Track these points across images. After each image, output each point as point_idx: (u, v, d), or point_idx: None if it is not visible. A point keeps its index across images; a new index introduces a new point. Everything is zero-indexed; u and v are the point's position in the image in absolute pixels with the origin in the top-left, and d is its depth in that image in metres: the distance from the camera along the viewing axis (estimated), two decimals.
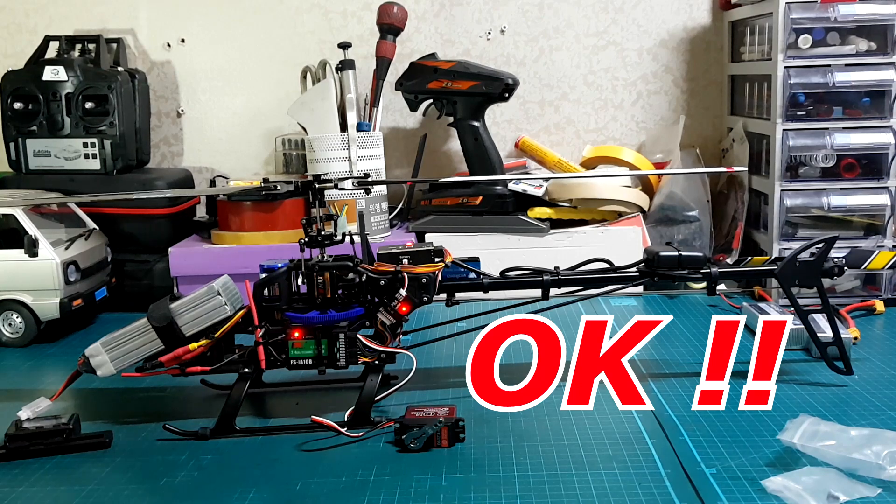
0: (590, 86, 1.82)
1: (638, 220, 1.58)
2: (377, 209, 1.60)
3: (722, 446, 0.91)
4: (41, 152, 1.61)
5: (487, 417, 1.00)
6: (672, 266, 1.06)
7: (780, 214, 1.49)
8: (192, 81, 1.84)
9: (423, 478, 0.85)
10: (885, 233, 1.47)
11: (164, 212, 1.59)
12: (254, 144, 1.86)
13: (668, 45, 1.80)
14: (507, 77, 1.59)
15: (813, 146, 1.46)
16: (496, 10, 1.80)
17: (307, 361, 1.00)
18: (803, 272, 1.07)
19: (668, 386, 1.09)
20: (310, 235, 1.02)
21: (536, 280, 1.08)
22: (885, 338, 1.27)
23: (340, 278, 1.01)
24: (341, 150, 1.57)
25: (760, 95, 1.58)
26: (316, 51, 1.79)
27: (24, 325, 1.34)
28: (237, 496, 0.83)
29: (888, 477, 0.81)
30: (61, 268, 1.35)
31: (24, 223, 1.35)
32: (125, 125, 1.62)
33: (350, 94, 1.59)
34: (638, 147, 1.82)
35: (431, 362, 1.21)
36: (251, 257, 1.44)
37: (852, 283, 1.50)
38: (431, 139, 1.79)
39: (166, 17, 1.82)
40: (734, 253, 1.60)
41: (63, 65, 1.60)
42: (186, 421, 1.01)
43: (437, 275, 1.02)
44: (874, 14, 1.43)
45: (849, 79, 1.44)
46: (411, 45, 1.79)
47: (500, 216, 1.58)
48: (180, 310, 0.99)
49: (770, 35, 1.49)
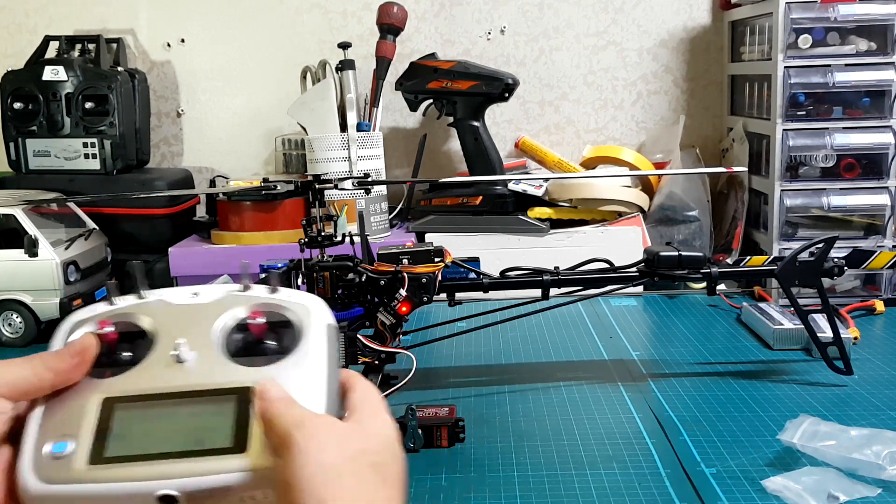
0: (590, 86, 1.82)
1: (638, 220, 1.58)
2: (377, 209, 1.60)
3: (722, 446, 0.91)
4: (41, 152, 1.61)
5: (487, 417, 1.00)
6: (672, 266, 1.06)
7: (780, 214, 1.49)
8: (192, 81, 1.85)
9: (423, 478, 0.85)
10: (885, 233, 1.47)
11: (164, 212, 1.59)
12: (254, 144, 1.86)
13: (668, 45, 1.80)
14: (507, 77, 1.59)
15: (813, 146, 1.46)
16: (496, 10, 1.80)
17: None
18: (803, 272, 1.07)
19: (668, 386, 1.09)
20: (310, 236, 1.02)
21: (536, 280, 1.08)
22: (885, 338, 1.27)
23: (340, 278, 1.01)
24: (341, 150, 1.57)
25: (760, 95, 1.58)
26: (316, 51, 1.79)
27: (23, 325, 1.35)
28: None
29: (888, 477, 0.81)
30: (61, 268, 1.35)
31: (23, 223, 1.35)
32: (125, 125, 1.62)
33: (350, 94, 1.59)
34: (638, 147, 1.82)
35: (431, 362, 1.21)
36: (251, 257, 1.44)
37: (852, 283, 1.50)
38: (431, 139, 1.79)
39: (166, 17, 1.82)
40: (734, 253, 1.60)
41: (63, 65, 1.60)
42: None
43: (437, 275, 1.02)
44: (874, 14, 1.43)
45: (849, 79, 1.44)
46: (411, 45, 1.79)
47: (500, 216, 1.58)
48: None
49: (770, 35, 1.49)
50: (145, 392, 0.55)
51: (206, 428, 0.53)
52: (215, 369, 0.56)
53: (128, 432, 0.54)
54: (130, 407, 0.55)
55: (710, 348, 1.24)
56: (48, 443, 0.53)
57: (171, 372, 0.56)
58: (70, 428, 0.54)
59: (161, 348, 0.58)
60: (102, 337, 0.58)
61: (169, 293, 0.61)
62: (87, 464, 0.52)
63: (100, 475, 0.52)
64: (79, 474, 0.52)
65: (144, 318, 0.60)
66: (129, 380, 0.56)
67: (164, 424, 0.54)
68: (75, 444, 0.53)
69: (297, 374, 0.54)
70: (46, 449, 0.53)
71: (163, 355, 0.57)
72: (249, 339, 0.57)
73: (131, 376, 0.56)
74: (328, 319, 0.57)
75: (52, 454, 0.53)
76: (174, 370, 0.56)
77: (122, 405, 0.55)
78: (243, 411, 0.53)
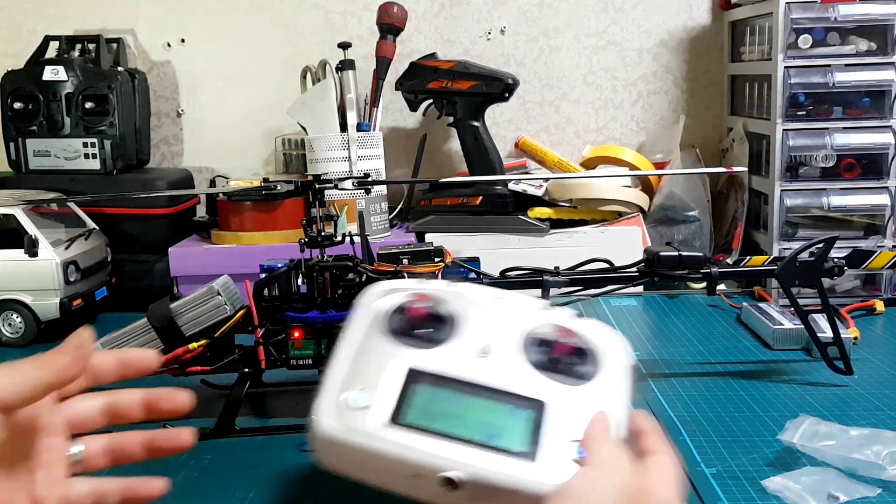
0: (590, 86, 1.82)
1: (638, 220, 1.58)
2: (377, 209, 1.60)
3: (722, 446, 0.91)
4: (41, 152, 1.61)
5: None
6: (672, 266, 1.06)
7: (780, 214, 1.49)
8: (192, 81, 1.85)
9: None
10: (885, 233, 1.47)
11: (164, 212, 1.59)
12: (254, 144, 1.85)
13: (668, 45, 1.80)
14: (507, 77, 1.59)
15: (813, 146, 1.46)
16: (496, 10, 1.80)
17: (307, 361, 1.00)
18: (803, 272, 1.07)
19: (668, 386, 1.09)
20: (310, 236, 1.02)
21: (536, 280, 1.08)
22: (885, 338, 1.27)
23: (340, 278, 1.01)
24: (341, 150, 1.57)
25: (760, 95, 1.58)
26: (316, 51, 1.79)
27: (24, 325, 1.34)
28: (237, 496, 0.83)
29: (888, 477, 0.81)
30: (61, 268, 1.35)
31: (23, 223, 1.35)
32: (125, 125, 1.62)
33: (350, 94, 1.59)
34: (638, 147, 1.82)
35: None
36: (251, 257, 1.44)
37: (852, 283, 1.50)
38: (431, 139, 1.79)
39: (166, 17, 1.82)
40: (734, 253, 1.60)
41: (63, 65, 1.60)
42: (186, 421, 1.01)
43: (437, 275, 1.02)
44: (874, 14, 1.43)
45: (849, 79, 1.44)
46: (411, 45, 1.79)
47: (500, 216, 1.58)
48: (180, 310, 0.99)
49: (770, 35, 1.49)
50: (449, 375, 0.58)
51: (500, 427, 0.55)
52: (517, 374, 0.58)
53: (426, 406, 0.56)
54: (433, 383, 0.58)
55: (710, 348, 1.24)
56: (350, 390, 0.56)
57: (475, 363, 0.59)
58: (373, 383, 0.57)
59: (467, 338, 0.61)
60: (412, 310, 0.63)
61: (473, 288, 0.66)
62: (386, 422, 0.55)
63: (394, 437, 0.54)
64: (374, 430, 0.55)
65: (452, 305, 0.63)
66: (435, 358, 0.59)
67: (460, 410, 0.56)
68: (375, 400, 0.56)
69: (595, 402, 0.56)
70: (347, 396, 0.57)
71: (468, 345, 0.60)
72: (552, 356, 0.60)
73: (436, 355, 0.60)
74: (630, 360, 0.61)
75: (352, 404, 0.56)
76: (478, 363, 0.59)
77: (426, 379, 0.58)
78: (538, 422, 0.55)
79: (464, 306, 0.64)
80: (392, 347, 0.60)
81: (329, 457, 0.56)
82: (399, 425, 0.55)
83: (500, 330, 0.61)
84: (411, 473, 0.53)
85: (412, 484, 0.54)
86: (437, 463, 0.53)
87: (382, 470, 0.54)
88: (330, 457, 0.56)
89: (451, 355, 0.59)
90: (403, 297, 0.64)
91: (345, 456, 0.55)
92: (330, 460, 0.57)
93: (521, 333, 0.61)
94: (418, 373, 0.58)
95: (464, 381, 0.58)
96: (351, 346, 0.60)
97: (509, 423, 0.55)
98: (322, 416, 0.56)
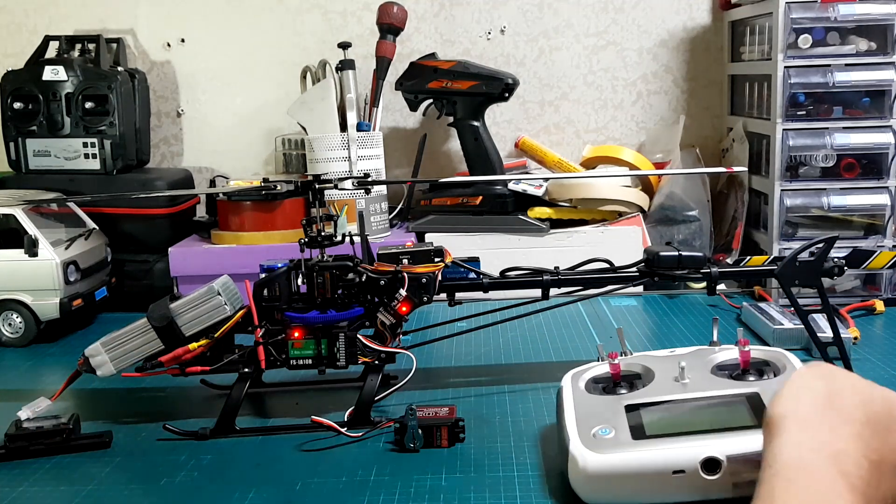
0: (590, 86, 1.82)
1: (638, 220, 1.58)
2: (377, 209, 1.60)
3: None
4: (41, 152, 1.61)
5: (487, 417, 1.00)
6: (672, 266, 1.06)
7: (780, 214, 1.49)
8: (192, 81, 1.85)
9: (423, 478, 0.85)
10: (885, 233, 1.47)
11: (164, 212, 1.59)
12: (254, 144, 1.86)
13: (668, 45, 1.81)
14: (507, 77, 1.59)
15: (813, 146, 1.46)
16: (496, 10, 1.80)
17: (307, 361, 1.00)
18: (803, 272, 1.07)
19: None
20: (310, 236, 1.02)
21: (536, 280, 1.08)
22: (885, 338, 1.27)
23: (340, 278, 1.01)
24: (341, 150, 1.57)
25: (760, 95, 1.58)
26: (316, 51, 1.79)
27: (23, 325, 1.34)
28: (237, 496, 0.83)
29: None
30: (61, 268, 1.35)
31: (23, 223, 1.35)
32: (125, 125, 1.62)
33: (350, 94, 1.59)
34: (638, 147, 1.82)
35: (431, 362, 1.21)
36: (251, 257, 1.44)
37: (852, 283, 1.50)
38: (431, 139, 1.79)
39: (166, 17, 1.82)
40: (734, 253, 1.60)
41: (63, 65, 1.60)
42: (186, 421, 1.01)
43: (437, 275, 1.02)
44: (874, 14, 1.43)
45: (849, 79, 1.44)
46: (411, 45, 1.79)
47: (500, 216, 1.58)
48: (180, 310, 0.99)
49: (770, 35, 1.49)
50: (660, 399, 0.78)
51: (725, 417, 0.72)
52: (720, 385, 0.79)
53: (656, 421, 0.74)
54: (652, 407, 0.77)
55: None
56: (593, 429, 0.74)
57: (678, 389, 0.79)
58: (604, 421, 0.75)
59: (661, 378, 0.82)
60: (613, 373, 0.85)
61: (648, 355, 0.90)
62: (632, 439, 0.72)
63: (649, 445, 0.71)
64: (628, 446, 0.71)
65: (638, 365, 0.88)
66: (642, 394, 0.80)
67: (684, 417, 0.74)
68: (615, 430, 0.73)
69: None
70: (593, 432, 0.74)
71: (666, 379, 0.81)
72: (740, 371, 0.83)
73: (643, 392, 0.80)
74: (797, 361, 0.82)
75: (600, 436, 0.73)
76: (680, 388, 0.79)
77: (644, 407, 0.77)
78: (757, 404, 0.73)
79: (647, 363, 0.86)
80: (605, 398, 0.81)
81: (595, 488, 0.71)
82: (646, 438, 0.71)
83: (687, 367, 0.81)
84: (674, 469, 0.68)
85: (678, 482, 0.68)
86: (694, 451, 0.67)
87: (648, 478, 0.69)
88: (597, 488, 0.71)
89: (655, 389, 0.80)
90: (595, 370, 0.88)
91: (612, 481, 0.70)
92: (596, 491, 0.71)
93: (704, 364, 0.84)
94: (635, 405, 0.77)
95: (675, 399, 0.77)
96: (570, 409, 0.79)
97: (732, 412, 0.73)
98: (581, 452, 0.71)
